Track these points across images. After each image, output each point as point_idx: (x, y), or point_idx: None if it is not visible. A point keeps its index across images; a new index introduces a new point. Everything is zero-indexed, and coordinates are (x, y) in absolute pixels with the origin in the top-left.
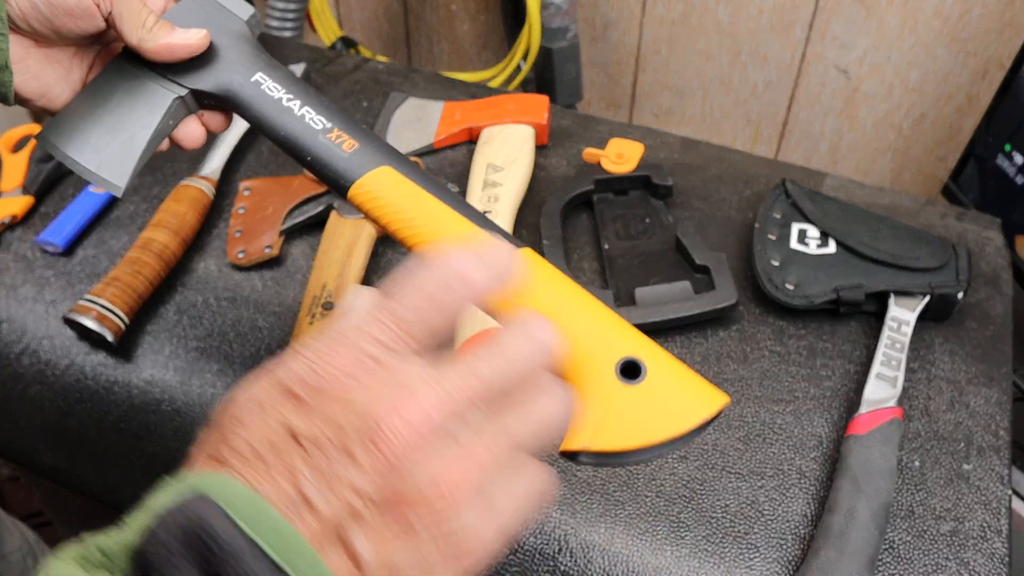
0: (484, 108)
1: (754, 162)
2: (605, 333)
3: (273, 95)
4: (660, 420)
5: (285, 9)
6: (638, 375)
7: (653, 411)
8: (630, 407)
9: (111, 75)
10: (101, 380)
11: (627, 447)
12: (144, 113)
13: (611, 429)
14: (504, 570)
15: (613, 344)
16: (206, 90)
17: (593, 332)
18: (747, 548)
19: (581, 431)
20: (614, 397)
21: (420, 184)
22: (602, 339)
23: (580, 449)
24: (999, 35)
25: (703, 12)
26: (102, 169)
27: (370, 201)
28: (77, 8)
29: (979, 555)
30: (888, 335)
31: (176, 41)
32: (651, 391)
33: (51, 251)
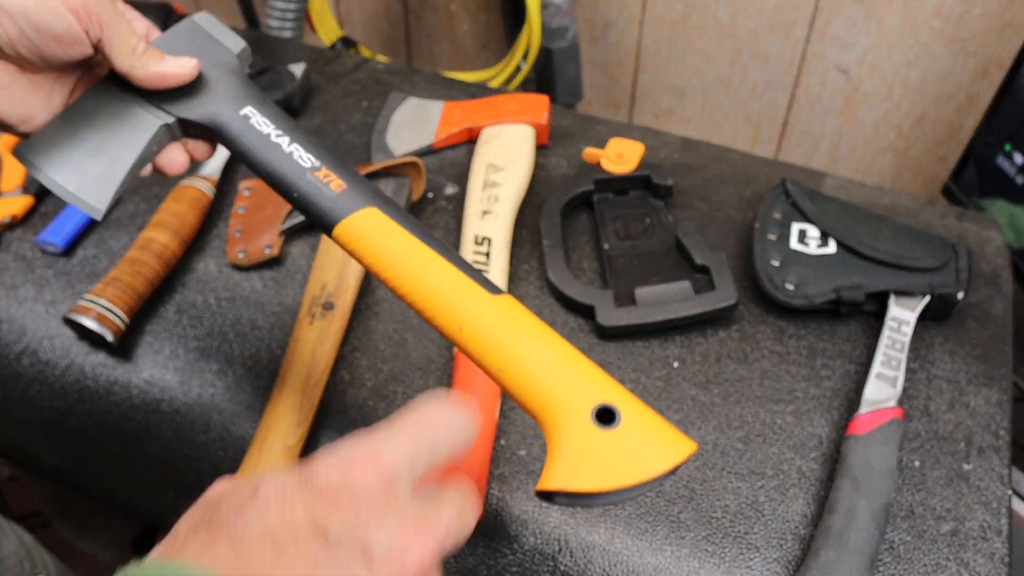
0: (484, 108)
1: (754, 162)
2: (582, 380)
3: (262, 130)
4: (632, 464)
5: (285, 9)
6: (612, 421)
7: (626, 455)
8: (605, 451)
9: (95, 98)
10: (101, 380)
11: (601, 489)
12: (129, 138)
13: (586, 471)
14: (504, 570)
15: (589, 390)
16: (193, 120)
17: (571, 379)
18: (747, 548)
19: (558, 473)
20: (589, 441)
21: (406, 228)
22: (579, 385)
23: (557, 490)
24: (999, 35)
25: (703, 12)
26: (82, 191)
27: (354, 242)
28: (66, 35)
29: (979, 555)
30: (888, 335)
31: (168, 70)
32: (625, 436)
33: (51, 251)
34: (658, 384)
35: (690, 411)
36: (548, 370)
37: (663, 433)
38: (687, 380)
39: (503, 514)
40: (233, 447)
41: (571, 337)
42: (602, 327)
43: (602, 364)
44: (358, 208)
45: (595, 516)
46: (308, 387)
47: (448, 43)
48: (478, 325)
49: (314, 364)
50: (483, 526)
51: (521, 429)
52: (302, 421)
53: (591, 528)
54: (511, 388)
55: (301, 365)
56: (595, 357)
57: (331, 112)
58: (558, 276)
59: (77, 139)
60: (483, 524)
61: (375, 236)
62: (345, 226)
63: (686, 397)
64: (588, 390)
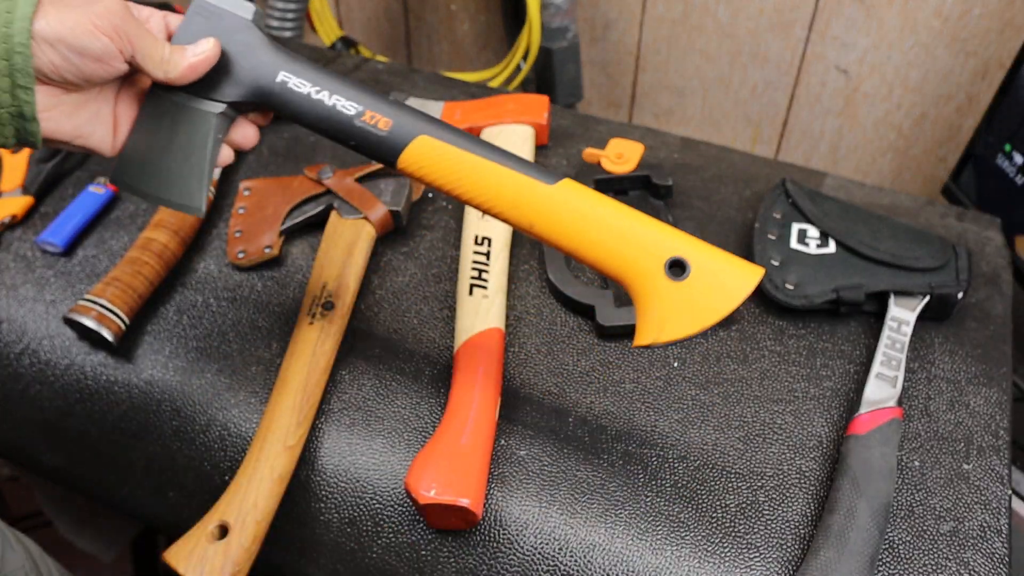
0: (484, 108)
1: (754, 162)
2: (649, 239)
3: (302, 90)
4: (710, 305)
5: (285, 9)
6: (684, 271)
7: (702, 299)
8: (683, 300)
9: (152, 109)
10: (101, 380)
11: (686, 334)
12: (194, 137)
13: (672, 322)
14: (504, 570)
15: (658, 248)
16: (239, 100)
17: (637, 243)
18: (747, 548)
19: (648, 330)
20: (667, 295)
21: (458, 145)
22: (647, 246)
23: (650, 344)
24: (999, 35)
25: (703, 12)
26: (180, 197)
27: (418, 171)
28: (104, 54)
29: (979, 555)
30: (888, 335)
31: (194, 60)
32: (697, 282)
33: (51, 251)
34: (658, 384)
35: (690, 411)
36: (618, 235)
37: (732, 268)
38: (687, 380)
39: (503, 514)
40: (233, 447)
41: (571, 337)
42: (602, 327)
43: (602, 364)
44: (410, 140)
45: (595, 516)
46: (308, 387)
47: (448, 43)
48: (545, 217)
49: (314, 364)
50: (483, 526)
51: (521, 429)
52: (302, 421)
53: (591, 528)
54: (590, 263)
55: (301, 365)
56: (595, 357)
57: None
58: (558, 276)
59: (153, 153)
60: (483, 524)
61: (433, 161)
62: (405, 160)
63: (686, 397)
64: (657, 248)
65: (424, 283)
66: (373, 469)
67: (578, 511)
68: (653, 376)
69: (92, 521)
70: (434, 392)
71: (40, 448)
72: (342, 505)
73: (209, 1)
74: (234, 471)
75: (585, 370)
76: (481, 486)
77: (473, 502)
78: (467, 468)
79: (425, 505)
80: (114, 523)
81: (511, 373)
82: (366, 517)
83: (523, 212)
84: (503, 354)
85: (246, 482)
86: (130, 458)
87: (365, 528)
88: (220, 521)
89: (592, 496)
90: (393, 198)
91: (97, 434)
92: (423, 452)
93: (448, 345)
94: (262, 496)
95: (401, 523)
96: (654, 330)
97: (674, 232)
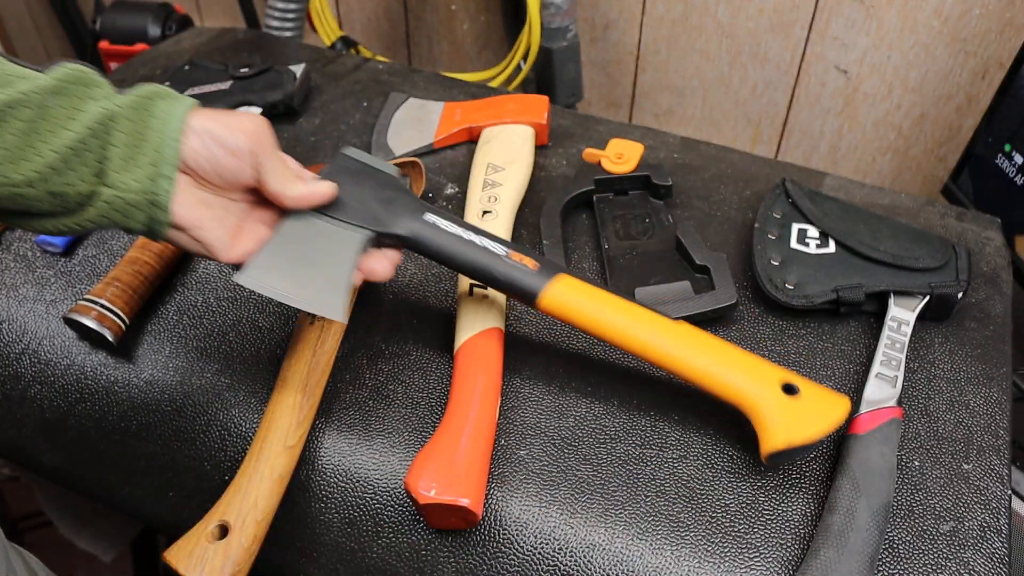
0: (484, 108)
1: (754, 162)
2: (762, 369)
3: (451, 230)
4: (821, 418)
5: (285, 9)
6: (796, 392)
7: (815, 413)
8: (801, 413)
9: (298, 224)
10: (101, 380)
11: (810, 439)
12: (339, 251)
13: (796, 429)
14: (504, 570)
15: (770, 375)
16: (388, 232)
17: (755, 370)
18: (747, 548)
19: (776, 436)
20: (788, 408)
21: (594, 284)
22: (764, 371)
23: (783, 448)
24: (999, 35)
25: (703, 12)
26: (316, 303)
27: (558, 307)
28: (238, 149)
29: (979, 555)
30: (888, 335)
31: (306, 191)
32: (808, 401)
33: (51, 251)
34: (658, 384)
35: (690, 411)
36: (738, 366)
37: (829, 394)
38: None
39: (503, 514)
40: (233, 447)
41: (571, 337)
42: None
43: (602, 364)
44: (550, 279)
45: (595, 516)
46: (308, 387)
47: (448, 43)
48: (679, 347)
49: (314, 364)
50: (483, 526)
51: (521, 429)
52: (302, 421)
53: (591, 528)
54: (712, 388)
55: (301, 365)
56: (595, 357)
57: (331, 112)
58: None
59: (293, 261)
60: (483, 524)
61: (571, 300)
62: (545, 295)
63: (686, 397)
64: (773, 373)
65: (424, 283)
66: (373, 469)
67: (578, 511)
68: (653, 376)
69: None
70: (434, 392)
71: (40, 448)
72: (342, 505)
73: (355, 157)
74: (234, 471)
75: (585, 370)
76: (481, 486)
77: (473, 502)
78: (467, 468)
79: (425, 505)
80: (114, 523)
81: (511, 373)
82: (366, 517)
83: (654, 343)
84: (503, 354)
85: (246, 482)
86: (130, 458)
87: (365, 528)
88: (220, 521)
89: (592, 496)
90: None
91: (97, 434)
92: (423, 452)
93: (448, 345)
94: (262, 496)
95: (401, 523)
96: (783, 438)
97: (780, 367)
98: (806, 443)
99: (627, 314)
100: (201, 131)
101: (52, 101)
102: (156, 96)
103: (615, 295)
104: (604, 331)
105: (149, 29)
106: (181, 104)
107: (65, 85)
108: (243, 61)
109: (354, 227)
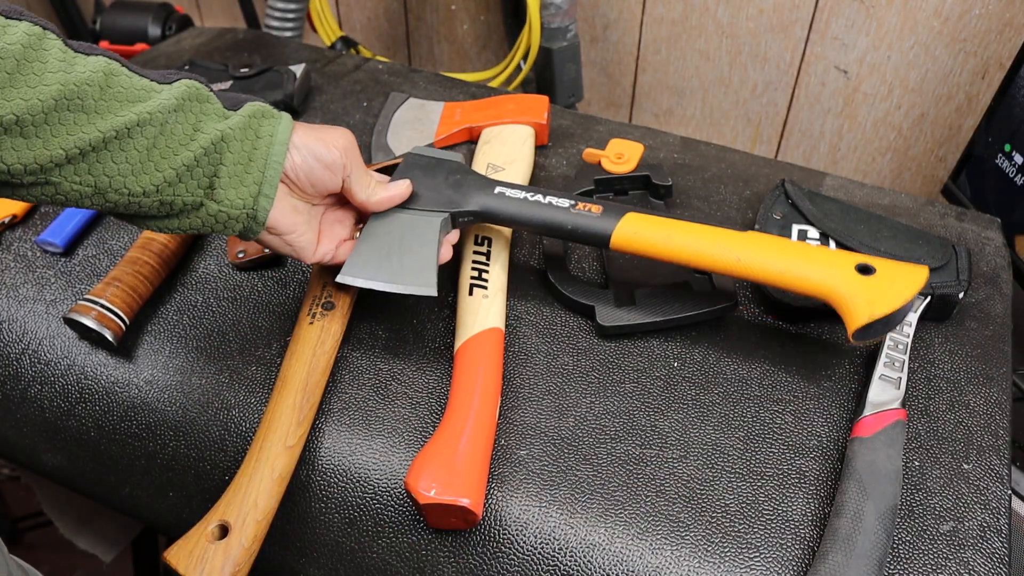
0: (484, 108)
1: (754, 162)
2: (835, 255)
3: (518, 196)
4: (899, 290)
5: (285, 9)
6: (872, 271)
7: (892, 287)
8: (878, 288)
9: (383, 221)
10: (101, 380)
11: (891, 310)
12: (424, 236)
13: (877, 303)
14: (504, 570)
15: (845, 258)
16: (462, 210)
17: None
18: (747, 548)
19: (858, 314)
20: (865, 287)
21: (659, 215)
22: (836, 259)
23: (866, 322)
24: (999, 35)
25: (703, 12)
26: (414, 284)
27: (628, 244)
28: (333, 164)
29: (979, 555)
30: (890, 336)
31: (387, 195)
32: (884, 277)
33: (51, 251)
34: (658, 384)
35: (690, 411)
36: (811, 260)
37: (905, 267)
38: (687, 380)
39: (503, 514)
40: (233, 447)
41: (571, 337)
42: (602, 327)
43: (602, 364)
44: (620, 218)
45: (595, 516)
46: (308, 387)
47: (448, 43)
48: (749, 253)
49: (314, 364)
50: (483, 526)
51: (521, 429)
52: (302, 421)
53: (591, 528)
54: (792, 283)
55: (301, 365)
56: (595, 357)
57: (331, 112)
58: (558, 276)
59: (385, 253)
60: (483, 524)
61: (642, 232)
62: (617, 236)
63: (686, 397)
64: (845, 259)
65: None
66: (373, 469)
67: (578, 511)
68: (653, 376)
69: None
70: (434, 392)
71: (40, 448)
72: (342, 505)
73: (421, 153)
74: (234, 471)
75: (585, 370)
76: (481, 486)
77: (473, 502)
78: (467, 468)
79: (425, 505)
80: (114, 523)
81: (511, 373)
82: (366, 517)
83: (730, 252)
84: (503, 354)
85: (246, 482)
86: (130, 458)
87: (365, 528)
88: (220, 521)
89: (592, 496)
90: None
91: (97, 434)
92: (423, 452)
93: (448, 345)
94: (262, 496)
95: (401, 523)
96: (865, 313)
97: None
98: (888, 314)
99: (696, 234)
100: (301, 147)
101: (172, 119)
102: (261, 116)
103: (681, 220)
104: (678, 255)
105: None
106: (283, 124)
107: (183, 102)
108: (243, 61)
109: (432, 212)
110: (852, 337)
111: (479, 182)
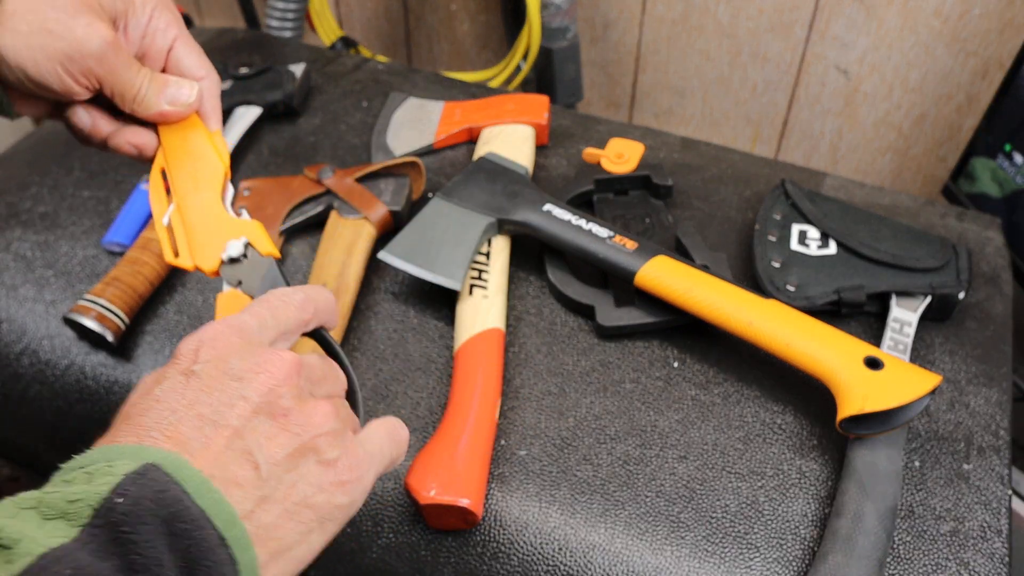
0: (484, 108)
1: (754, 162)
2: (846, 344)
3: (563, 218)
4: (901, 391)
5: (285, 9)
6: (880, 366)
7: (895, 386)
8: (880, 385)
9: (435, 210)
10: (101, 380)
11: (886, 407)
12: (465, 233)
13: (872, 399)
14: (504, 570)
15: (857, 347)
16: (508, 218)
17: (839, 345)
18: (747, 548)
19: (851, 404)
20: (867, 381)
21: (688, 264)
22: (847, 348)
23: (855, 413)
24: (999, 35)
25: (703, 12)
26: (443, 275)
27: (654, 283)
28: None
29: (979, 555)
30: (891, 336)
31: (167, 109)
32: (891, 375)
33: (118, 251)
34: (658, 384)
35: (690, 411)
36: (823, 339)
37: (915, 370)
38: (687, 380)
39: (503, 514)
40: None
41: (571, 337)
42: (602, 327)
43: (602, 364)
44: (649, 259)
45: (595, 516)
46: None
47: (448, 43)
48: (763, 320)
49: None
50: (483, 526)
51: (521, 429)
52: None
53: (591, 528)
54: (796, 359)
55: None
56: (595, 357)
57: (331, 112)
58: (558, 276)
59: (428, 241)
60: (483, 524)
61: (665, 277)
62: (642, 274)
63: (686, 397)
64: (856, 348)
65: (424, 283)
66: None
67: (578, 511)
68: (653, 376)
69: None
70: (434, 392)
71: (40, 448)
72: None
73: (492, 160)
74: None
75: (585, 370)
76: (481, 486)
77: (473, 502)
78: (467, 468)
79: (425, 505)
80: None
81: (511, 373)
82: (366, 517)
83: (744, 316)
84: (503, 354)
85: None
86: None
87: (365, 528)
88: None
89: (592, 496)
90: (393, 198)
91: (97, 434)
92: (423, 452)
93: (448, 345)
94: None
95: (401, 523)
96: (856, 405)
97: (868, 344)
98: (880, 411)
99: (716, 291)
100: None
101: None
102: None
103: (706, 273)
104: (694, 306)
105: None
106: None
107: None
108: (243, 61)
109: (481, 213)
110: (839, 426)
111: (532, 196)
